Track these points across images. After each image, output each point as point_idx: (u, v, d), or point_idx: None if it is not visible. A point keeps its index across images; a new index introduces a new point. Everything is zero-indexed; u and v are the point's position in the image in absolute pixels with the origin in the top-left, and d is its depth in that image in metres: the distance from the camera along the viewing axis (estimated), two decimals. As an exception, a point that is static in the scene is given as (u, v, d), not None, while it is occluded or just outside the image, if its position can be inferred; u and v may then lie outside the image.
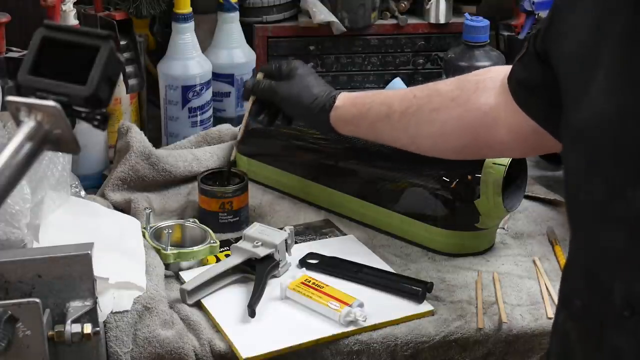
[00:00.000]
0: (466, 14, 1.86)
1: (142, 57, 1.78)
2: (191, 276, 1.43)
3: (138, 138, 1.67)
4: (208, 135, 1.79)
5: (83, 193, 1.62)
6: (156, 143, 1.74)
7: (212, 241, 1.50)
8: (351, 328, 1.35)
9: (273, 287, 1.43)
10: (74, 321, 1.17)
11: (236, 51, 1.87)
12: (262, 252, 1.44)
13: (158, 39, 1.97)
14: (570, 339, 1.09)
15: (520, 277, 1.50)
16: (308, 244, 1.56)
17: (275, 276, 1.46)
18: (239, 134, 1.63)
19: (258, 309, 1.36)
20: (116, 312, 1.31)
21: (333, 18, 1.90)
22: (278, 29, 1.94)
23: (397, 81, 1.92)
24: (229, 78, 1.87)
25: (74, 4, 1.68)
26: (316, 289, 1.40)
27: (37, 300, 1.13)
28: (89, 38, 0.94)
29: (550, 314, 1.40)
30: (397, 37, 1.98)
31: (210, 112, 1.85)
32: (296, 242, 1.53)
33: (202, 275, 1.41)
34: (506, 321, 1.38)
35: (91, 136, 1.68)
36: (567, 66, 1.08)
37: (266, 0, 1.92)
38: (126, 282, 1.34)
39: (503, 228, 1.62)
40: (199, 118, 1.82)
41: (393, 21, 1.98)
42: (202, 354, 1.32)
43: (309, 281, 1.42)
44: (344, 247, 1.55)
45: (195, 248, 1.48)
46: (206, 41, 1.86)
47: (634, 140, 0.97)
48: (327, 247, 1.54)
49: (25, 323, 1.13)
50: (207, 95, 1.82)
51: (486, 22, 1.81)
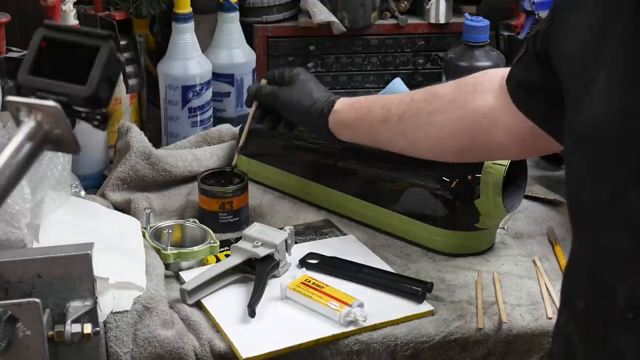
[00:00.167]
0: (466, 14, 1.86)
1: (142, 57, 1.78)
2: (191, 276, 1.42)
3: (138, 138, 1.67)
4: (208, 135, 1.79)
5: (83, 193, 1.61)
6: (156, 143, 1.74)
7: (212, 241, 1.50)
8: (351, 328, 1.35)
9: (273, 287, 1.43)
10: (74, 321, 1.17)
11: (236, 51, 1.87)
12: (262, 252, 1.44)
13: (158, 39, 1.96)
14: (572, 340, 1.08)
15: (520, 277, 1.50)
16: (308, 244, 1.56)
17: (275, 276, 1.46)
18: (241, 140, 1.61)
19: (258, 309, 1.36)
20: (116, 312, 1.31)
21: (333, 18, 1.90)
22: (278, 29, 1.94)
23: (397, 81, 1.92)
24: (229, 78, 1.87)
25: (74, 4, 1.68)
26: (316, 289, 1.40)
27: (37, 300, 1.13)
28: (89, 38, 0.94)
29: (550, 314, 1.40)
30: (397, 37, 1.98)
31: (210, 112, 1.85)
32: (296, 242, 1.53)
33: (202, 275, 1.41)
34: (506, 321, 1.38)
35: (91, 136, 1.68)
36: (568, 66, 1.08)
37: (266, 0, 1.92)
38: (126, 282, 1.34)
39: (503, 228, 1.62)
40: (199, 118, 1.82)
41: (393, 21, 1.98)
42: (202, 354, 1.32)
43: (309, 281, 1.42)
44: (344, 247, 1.55)
45: (195, 248, 1.48)
46: (206, 41, 1.86)
47: (637, 140, 0.97)
48: (327, 247, 1.54)
49: (25, 323, 1.13)
50: (207, 95, 1.82)
51: (486, 22, 1.81)
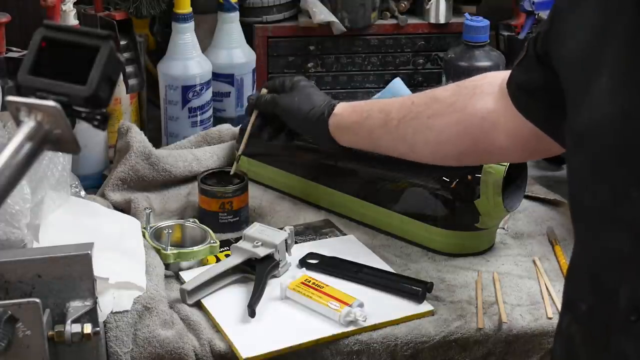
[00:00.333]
0: (466, 14, 1.86)
1: (142, 57, 1.78)
2: (191, 276, 1.42)
3: (138, 138, 1.67)
4: (208, 135, 1.79)
5: (83, 193, 1.61)
6: (156, 143, 1.74)
7: (212, 241, 1.50)
8: (351, 328, 1.35)
9: (273, 287, 1.42)
10: (74, 321, 1.17)
11: (236, 51, 1.87)
12: (262, 252, 1.44)
13: (158, 39, 1.97)
14: (575, 343, 1.08)
15: (520, 277, 1.49)
16: (308, 244, 1.56)
17: (275, 276, 1.46)
18: (240, 149, 1.61)
19: (258, 309, 1.36)
20: (116, 312, 1.31)
21: (333, 18, 1.90)
22: (278, 29, 1.94)
23: (397, 81, 1.92)
24: (229, 78, 1.87)
25: (74, 4, 1.68)
26: (316, 289, 1.40)
27: (37, 300, 1.13)
28: (89, 38, 0.94)
29: (550, 314, 1.40)
30: (397, 37, 1.98)
31: (210, 112, 1.85)
32: (296, 242, 1.53)
33: (202, 275, 1.41)
34: (506, 321, 1.38)
35: (91, 136, 1.69)
36: (569, 67, 1.07)
37: (266, 0, 1.92)
38: (126, 282, 1.34)
39: (503, 228, 1.62)
40: (199, 118, 1.82)
41: (393, 21, 1.98)
42: (202, 354, 1.32)
43: (309, 281, 1.42)
44: (344, 247, 1.55)
45: (195, 248, 1.48)
46: (206, 41, 1.86)
47: (639, 140, 0.96)
48: (327, 247, 1.54)
49: (25, 323, 1.13)
50: (207, 95, 1.82)
51: (486, 22, 1.81)
